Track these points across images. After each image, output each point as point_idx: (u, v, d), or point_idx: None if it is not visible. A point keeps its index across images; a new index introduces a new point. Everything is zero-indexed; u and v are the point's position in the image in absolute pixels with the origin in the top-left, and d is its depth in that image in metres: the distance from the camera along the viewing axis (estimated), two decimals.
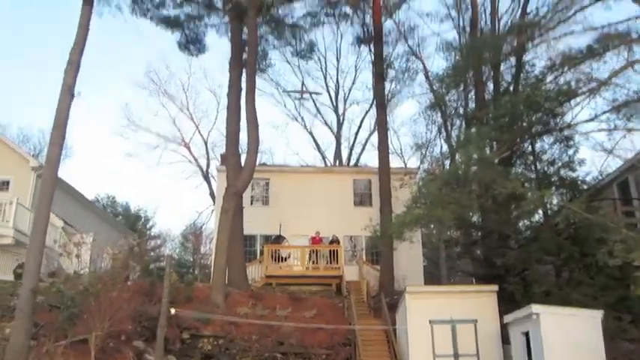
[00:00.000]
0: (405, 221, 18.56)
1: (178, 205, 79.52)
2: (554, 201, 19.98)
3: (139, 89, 49.48)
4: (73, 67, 17.47)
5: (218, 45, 47.56)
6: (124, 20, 22.35)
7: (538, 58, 21.14)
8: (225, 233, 20.91)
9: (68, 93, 17.22)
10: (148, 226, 50.39)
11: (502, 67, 22.86)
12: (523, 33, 19.56)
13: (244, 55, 24.37)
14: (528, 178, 21.08)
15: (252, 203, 27.70)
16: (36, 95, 75.83)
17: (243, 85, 23.45)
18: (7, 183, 24.58)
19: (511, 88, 22.39)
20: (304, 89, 40.77)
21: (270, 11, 26.08)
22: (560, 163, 21.00)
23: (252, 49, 23.99)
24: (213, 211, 36.39)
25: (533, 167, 21.87)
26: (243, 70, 23.89)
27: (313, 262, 24.35)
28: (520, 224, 22.42)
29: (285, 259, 24.72)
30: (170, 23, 25.89)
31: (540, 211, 20.81)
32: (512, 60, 22.09)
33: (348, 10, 30.93)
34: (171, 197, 76.32)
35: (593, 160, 43.35)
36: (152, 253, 42.24)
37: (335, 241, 24.97)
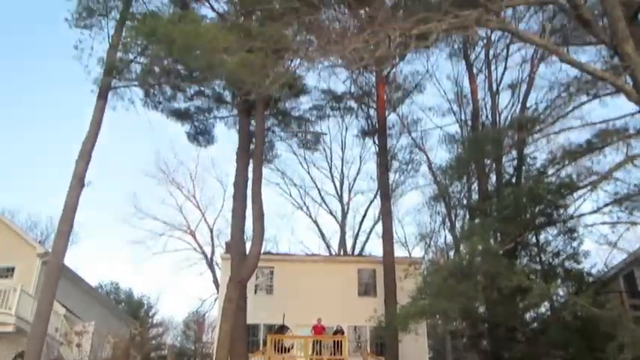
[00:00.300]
0: (410, 312, 18.23)
1: (182, 292, 78.54)
2: (561, 293, 19.66)
3: (148, 177, 50.06)
4: (85, 158, 17.81)
5: (226, 136, 48.53)
6: (137, 113, 22.78)
7: (539, 151, 21.49)
8: (228, 322, 20.41)
9: (78, 183, 17.46)
10: (150, 314, 49.86)
11: (504, 160, 23.12)
12: (523, 128, 19.97)
13: (251, 146, 24.70)
14: (533, 269, 20.77)
15: (256, 292, 27.24)
16: (46, 181, 76.61)
17: (250, 175, 23.64)
18: (12, 269, 24.36)
19: (513, 181, 22.53)
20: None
21: (277, 105, 26.69)
22: (564, 255, 20.74)
23: (260, 140, 24.37)
24: (216, 299, 35.73)
25: (538, 259, 21.58)
26: (250, 161, 24.15)
27: (317, 353, 23.55)
28: (527, 316, 21.91)
29: (289, 350, 23.98)
30: (180, 115, 26.44)
31: (547, 303, 20.39)
32: (514, 153, 22.37)
33: (352, 103, 31.79)
34: (175, 284, 75.55)
35: (598, 252, 42.84)
36: (153, 342, 41.27)
37: (339, 331, 24.31)
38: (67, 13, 20.26)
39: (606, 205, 17.18)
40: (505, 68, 26.57)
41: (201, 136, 27.90)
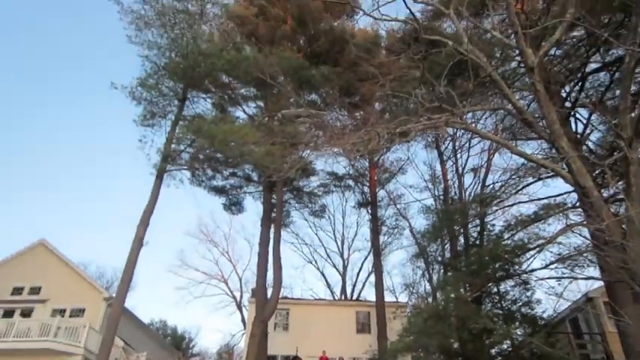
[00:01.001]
0: (398, 348, 17.70)
1: (216, 328, 76.87)
2: (519, 333, 18.81)
3: (191, 237, 49.96)
4: (144, 224, 17.73)
5: (253, 206, 48.76)
6: (185, 189, 22.93)
7: (497, 219, 21.17)
8: (252, 353, 19.86)
9: (139, 243, 17.28)
10: (190, 345, 48.47)
11: (469, 227, 22.74)
12: (484, 202, 19.79)
13: (273, 214, 24.63)
14: (496, 314, 19.97)
15: (275, 329, 26.35)
16: (112, 240, 76.49)
17: (271, 236, 23.46)
18: (83, 310, 23.92)
19: (477, 243, 22.11)
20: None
21: (293, 183, 26.82)
22: (521, 303, 19.96)
23: (279, 210, 24.36)
24: (243, 334, 34.76)
25: (499, 305, 20.77)
26: (272, 225, 24.03)
27: None
28: (492, 352, 20.89)
29: None
30: (218, 191, 26.49)
31: (508, 342, 19.48)
32: (477, 221, 22.05)
33: (351, 182, 31.91)
34: (211, 322, 73.59)
35: (548, 300, 41.53)
36: None
37: None
38: (135, 115, 20.90)
39: (552, 262, 16.69)
40: (468, 156, 26.61)
41: (234, 206, 27.84)
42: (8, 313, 23.82)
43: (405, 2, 12.32)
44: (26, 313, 23.74)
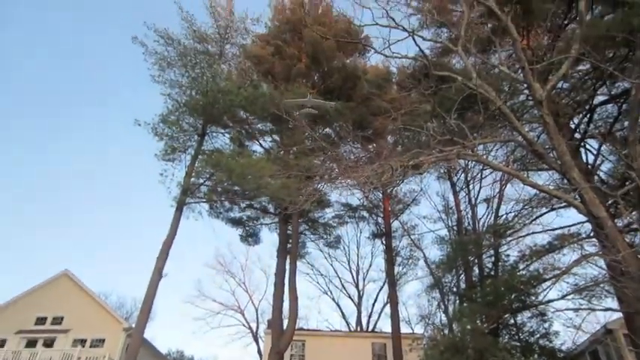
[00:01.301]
0: None
1: (232, 359, 75.55)
2: None
3: (209, 268, 49.88)
4: (164, 255, 17.85)
5: (269, 237, 48.70)
6: (203, 221, 23.16)
7: (511, 249, 20.83)
8: None
9: (158, 274, 17.36)
10: None
11: (484, 257, 22.41)
12: (497, 233, 19.54)
13: (288, 245, 24.60)
14: (514, 346, 19.40)
15: None
16: (133, 269, 76.73)
17: (287, 267, 23.36)
18: (103, 340, 23.88)
19: (492, 273, 21.71)
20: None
21: (308, 214, 26.84)
22: (538, 335, 19.40)
23: (295, 241, 24.33)
24: None
25: (517, 337, 20.21)
26: (288, 257, 23.97)
27: None
28: None
29: None
30: (235, 222, 26.64)
31: None
32: (492, 252, 21.72)
33: (365, 213, 31.78)
34: (227, 352, 72.52)
35: (567, 332, 40.12)
36: None
37: None
38: (157, 150, 21.35)
39: (569, 293, 16.27)
40: (480, 187, 26.52)
41: (251, 237, 27.89)
42: (31, 343, 23.94)
43: (414, 40, 12.65)
44: (49, 343, 23.80)
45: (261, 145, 24.97)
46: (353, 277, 45.02)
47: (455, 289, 27.86)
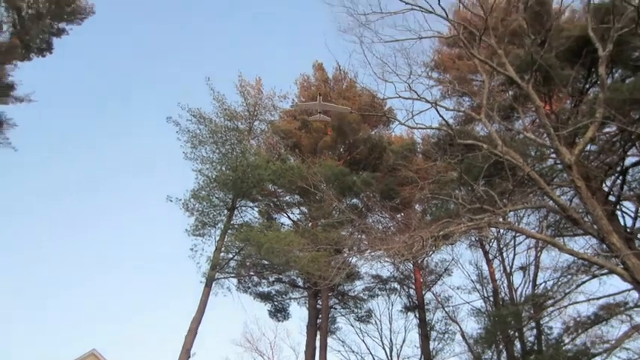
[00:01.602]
0: None
1: None
2: None
3: (237, 345, 48.47)
4: (192, 334, 17.56)
5: (298, 312, 47.26)
6: (231, 297, 22.92)
7: (554, 320, 19.55)
8: None
9: (185, 354, 16.97)
10: None
11: (525, 330, 21.11)
12: (537, 303, 18.57)
13: (318, 320, 23.90)
14: None
15: None
16: (157, 346, 75.07)
17: (317, 344, 22.54)
18: None
19: (535, 347, 20.34)
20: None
21: (338, 288, 26.26)
22: None
23: (325, 316, 23.68)
24: None
25: None
26: (317, 332, 23.20)
27: None
28: None
29: None
30: (264, 297, 26.22)
31: None
32: (532, 324, 20.49)
33: (396, 285, 30.82)
34: None
35: None
36: None
37: None
38: (188, 225, 21.69)
39: None
40: (514, 254, 25.51)
41: (279, 313, 27.25)
42: None
43: (437, 111, 12.96)
44: None
45: (289, 217, 25.18)
46: (386, 353, 42.68)
47: None
